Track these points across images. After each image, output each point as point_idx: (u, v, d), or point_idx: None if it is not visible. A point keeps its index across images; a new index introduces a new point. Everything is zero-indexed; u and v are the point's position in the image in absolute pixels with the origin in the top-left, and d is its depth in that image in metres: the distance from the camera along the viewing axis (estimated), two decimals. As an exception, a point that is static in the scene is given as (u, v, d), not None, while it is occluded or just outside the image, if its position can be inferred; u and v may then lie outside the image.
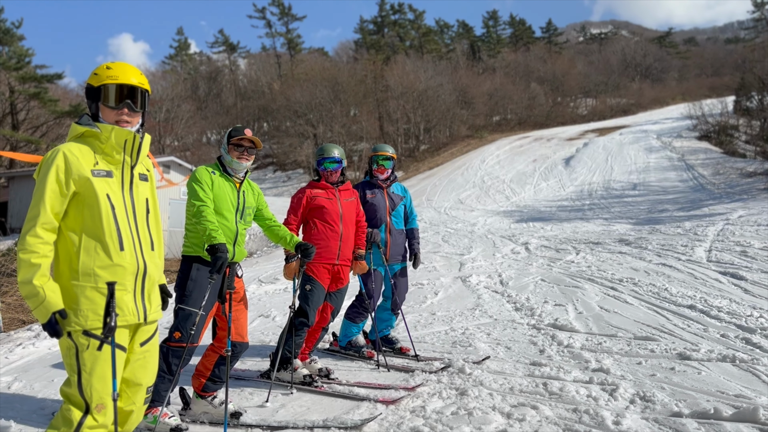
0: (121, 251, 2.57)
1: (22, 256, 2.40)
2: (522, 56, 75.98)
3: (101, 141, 2.61)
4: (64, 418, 2.47)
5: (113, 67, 2.67)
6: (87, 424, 2.47)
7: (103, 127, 2.61)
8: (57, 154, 2.50)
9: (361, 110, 51.25)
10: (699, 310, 6.69)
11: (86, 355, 2.47)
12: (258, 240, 20.62)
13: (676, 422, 3.65)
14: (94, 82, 2.65)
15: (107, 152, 2.62)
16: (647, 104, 64.24)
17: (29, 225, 2.44)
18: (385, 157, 5.54)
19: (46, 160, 2.51)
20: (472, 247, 14.15)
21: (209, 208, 3.73)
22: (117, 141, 2.62)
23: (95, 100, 2.66)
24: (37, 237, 2.42)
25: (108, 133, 2.60)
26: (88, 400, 2.47)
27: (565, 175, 32.28)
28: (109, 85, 2.63)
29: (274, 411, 4.17)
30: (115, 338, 2.53)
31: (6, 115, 35.03)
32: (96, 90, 2.65)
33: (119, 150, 2.63)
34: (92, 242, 2.53)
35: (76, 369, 2.47)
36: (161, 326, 7.09)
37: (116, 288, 2.55)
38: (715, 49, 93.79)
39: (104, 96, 2.63)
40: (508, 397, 4.26)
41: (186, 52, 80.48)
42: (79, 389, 2.46)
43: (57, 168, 2.48)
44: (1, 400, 4.55)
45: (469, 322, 6.86)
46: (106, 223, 2.55)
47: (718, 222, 14.97)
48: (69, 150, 2.53)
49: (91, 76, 2.69)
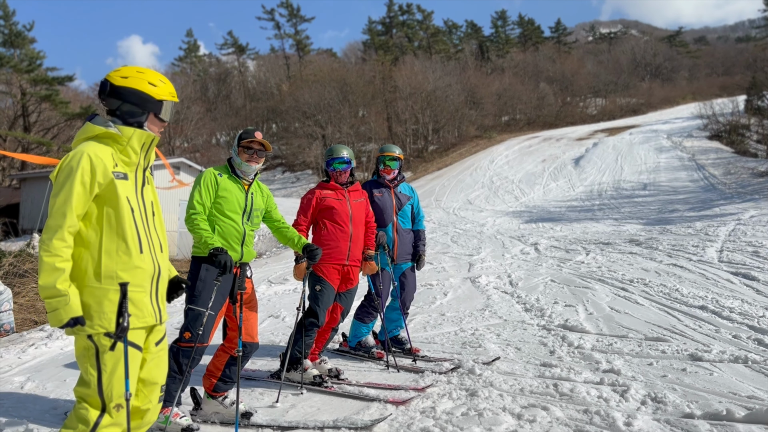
0: (140, 254, 2.60)
1: (47, 259, 2.38)
2: (531, 56, 75.73)
3: (120, 143, 2.61)
4: (81, 418, 2.48)
5: (167, 82, 2.75)
6: (103, 423, 2.48)
7: (124, 129, 2.61)
8: (82, 157, 2.48)
9: (369, 111, 51.24)
10: (710, 310, 6.65)
11: (107, 356, 2.48)
12: (267, 241, 20.67)
13: (688, 423, 3.63)
14: (155, 94, 2.68)
15: (125, 154, 2.63)
16: (657, 104, 63.82)
17: (55, 227, 2.41)
18: (391, 157, 5.55)
19: (69, 162, 2.49)
20: (481, 248, 14.12)
21: (200, 215, 3.80)
22: (138, 143, 2.64)
23: (139, 105, 2.66)
24: (62, 240, 2.41)
25: (129, 135, 2.62)
26: (107, 400, 2.49)
27: (574, 175, 32.14)
28: (170, 101, 2.72)
29: (284, 411, 4.18)
30: (129, 338, 2.54)
31: (18, 117, 35.35)
32: (154, 101, 2.68)
33: (137, 152, 2.65)
34: (114, 245, 2.53)
35: (96, 370, 2.47)
36: (172, 326, 7.14)
37: (136, 290, 2.57)
38: (726, 48, 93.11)
39: (164, 110, 2.71)
40: (518, 398, 4.25)
41: (195, 54, 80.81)
42: (98, 390, 2.48)
43: (83, 171, 2.46)
44: (14, 400, 4.59)
45: (478, 323, 6.85)
46: (128, 226, 2.57)
47: (730, 222, 14.86)
48: (93, 152, 2.51)
49: (140, 81, 2.67)
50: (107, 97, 2.67)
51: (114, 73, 2.70)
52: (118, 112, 2.67)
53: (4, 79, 35.95)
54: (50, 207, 2.44)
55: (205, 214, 3.83)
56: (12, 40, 39.61)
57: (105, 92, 2.67)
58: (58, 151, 30.65)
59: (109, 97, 2.66)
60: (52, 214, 2.43)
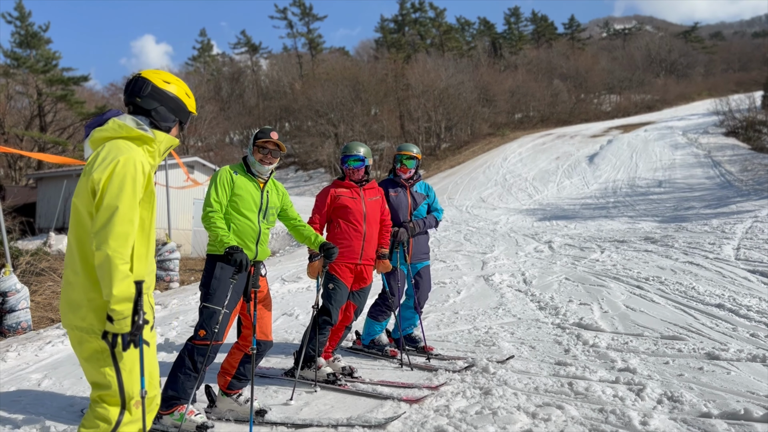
0: (153, 257, 2.65)
1: (122, 267, 2.33)
2: (544, 53, 75.33)
3: (151, 146, 2.63)
4: (101, 417, 2.49)
5: (193, 97, 2.89)
6: (125, 420, 2.50)
7: (157, 133, 2.65)
8: (136, 164, 2.46)
9: (382, 109, 51.21)
10: (727, 309, 6.58)
11: (125, 356, 2.48)
12: (281, 239, 20.75)
13: (705, 423, 3.59)
14: (188, 104, 2.83)
15: (152, 157, 2.64)
16: (672, 100, 63.20)
17: (124, 234, 2.36)
18: (408, 156, 5.53)
19: (123, 167, 2.43)
20: (494, 246, 14.07)
21: (217, 213, 3.81)
22: (165, 147, 2.69)
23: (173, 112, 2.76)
24: (130, 248, 2.40)
25: (161, 140, 2.65)
26: (127, 399, 2.50)
27: (588, 172, 31.91)
28: (193, 114, 2.86)
29: (298, 409, 4.19)
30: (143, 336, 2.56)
31: (34, 118, 35.73)
32: (186, 111, 2.81)
33: (161, 155, 2.69)
34: (144, 249, 2.54)
35: (114, 371, 2.47)
36: (187, 324, 7.18)
37: (149, 291, 2.60)
38: (743, 44, 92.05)
39: (188, 120, 2.84)
40: (533, 396, 4.23)
41: (209, 54, 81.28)
42: (120, 389, 2.48)
43: (139, 178, 2.45)
44: (32, 397, 4.64)
45: (492, 321, 6.82)
46: (153, 230, 2.61)
47: (747, 219, 14.69)
48: (141, 158, 2.50)
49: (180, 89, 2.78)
50: (145, 97, 2.67)
51: (154, 75, 2.72)
52: (153, 113, 2.69)
53: (21, 79, 36.37)
54: (109, 213, 2.36)
55: (221, 212, 3.84)
56: (28, 41, 40.06)
57: (144, 92, 2.67)
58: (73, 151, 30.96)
59: (147, 97, 2.68)
60: (117, 220, 2.35)
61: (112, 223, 2.34)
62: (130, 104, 2.70)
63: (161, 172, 21.50)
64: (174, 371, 3.75)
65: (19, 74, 36.58)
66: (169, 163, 14.88)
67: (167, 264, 11.83)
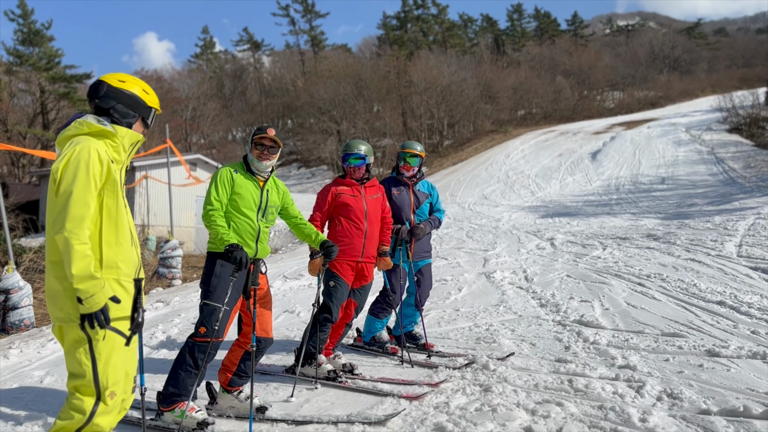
0: (130, 246, 2.72)
1: (79, 247, 2.44)
2: (547, 49, 75.12)
3: (114, 141, 2.73)
4: (76, 408, 2.55)
5: (154, 94, 2.95)
6: (99, 411, 2.56)
7: (118, 128, 2.74)
8: (90, 150, 2.57)
9: (384, 106, 51.20)
10: (729, 306, 6.57)
11: (101, 345, 2.56)
12: (283, 236, 20.78)
13: (704, 420, 3.60)
14: (147, 100, 2.88)
15: (116, 151, 2.74)
16: (676, 97, 62.99)
17: (80, 216, 2.47)
18: (411, 154, 5.54)
19: (78, 155, 2.55)
20: (496, 243, 14.07)
21: (218, 212, 3.84)
22: (129, 142, 2.78)
23: (132, 108, 2.82)
24: (88, 229, 2.51)
25: (123, 134, 2.75)
26: (102, 389, 2.56)
27: (591, 169, 31.86)
28: (156, 110, 2.93)
29: (298, 406, 4.21)
30: (118, 328, 2.62)
31: (37, 115, 35.82)
32: (146, 106, 2.88)
33: (126, 151, 2.78)
34: (112, 236, 2.64)
35: (90, 360, 2.55)
36: (189, 322, 7.20)
37: (127, 280, 2.67)
38: (746, 40, 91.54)
39: (151, 117, 2.91)
40: (532, 393, 4.24)
41: (211, 51, 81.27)
42: (94, 379, 2.55)
43: (93, 163, 2.55)
44: (34, 394, 4.66)
45: (493, 319, 6.83)
46: (123, 218, 2.68)
47: (749, 216, 14.66)
48: (98, 147, 2.61)
49: (136, 86, 2.86)
50: (102, 97, 2.78)
51: (110, 77, 2.84)
52: (112, 111, 2.79)
53: (24, 77, 36.46)
54: (65, 198, 2.49)
55: (222, 211, 3.86)
56: (31, 39, 40.15)
57: (100, 92, 2.78)
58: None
59: (104, 97, 2.78)
60: (72, 203, 2.47)
61: (67, 206, 2.46)
62: (92, 106, 2.82)
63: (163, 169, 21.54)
64: (175, 368, 3.76)
65: (21, 72, 36.67)
66: (171, 160, 14.90)
67: (170, 261, 11.86)
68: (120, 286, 2.64)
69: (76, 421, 2.52)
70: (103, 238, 2.61)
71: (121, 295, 2.63)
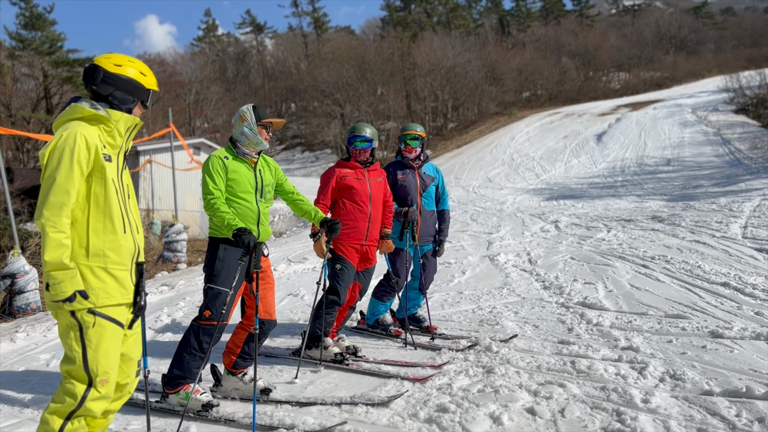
0: (124, 233, 2.69)
1: (54, 235, 2.45)
2: (552, 30, 74.39)
3: (107, 125, 2.69)
4: (68, 392, 2.57)
5: (151, 73, 2.89)
6: (90, 397, 2.58)
7: (112, 113, 2.69)
8: (77, 136, 2.55)
9: (388, 89, 50.89)
10: (733, 287, 6.56)
11: (91, 332, 2.57)
12: (287, 220, 20.81)
13: (706, 400, 3.61)
14: (145, 83, 2.82)
15: (111, 137, 2.70)
16: (682, 77, 62.39)
17: (59, 204, 2.48)
18: (412, 136, 5.52)
19: (63, 141, 2.54)
20: (500, 226, 14.06)
21: (219, 199, 3.81)
22: (124, 127, 2.73)
23: (131, 93, 2.78)
24: (67, 217, 2.51)
25: (117, 119, 2.70)
26: (92, 375, 2.58)
27: (596, 151, 31.71)
28: (154, 91, 2.87)
29: (302, 387, 4.24)
30: (112, 315, 2.63)
31: (40, 100, 35.76)
32: (144, 90, 2.82)
33: (122, 135, 2.74)
34: (100, 224, 2.62)
35: (80, 346, 2.56)
36: (194, 305, 7.24)
37: (120, 268, 2.67)
38: (754, 19, 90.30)
39: (150, 99, 2.85)
40: (535, 375, 4.25)
41: (214, 34, 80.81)
42: (84, 365, 2.57)
43: (79, 150, 2.54)
44: (40, 377, 4.71)
45: (496, 301, 6.85)
46: (114, 206, 2.66)
47: (755, 197, 14.59)
48: (86, 132, 2.59)
49: (133, 69, 2.79)
50: (99, 83, 2.72)
51: (105, 60, 2.77)
52: (110, 98, 2.75)
53: (27, 61, 36.34)
54: (48, 184, 2.50)
55: (223, 198, 3.84)
56: (33, 23, 39.96)
57: (97, 79, 2.72)
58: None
59: (101, 83, 2.73)
60: (53, 191, 2.48)
61: (48, 194, 2.47)
62: (90, 91, 2.77)
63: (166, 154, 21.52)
64: (179, 351, 3.79)
65: (24, 56, 36.54)
66: (174, 145, 14.89)
67: (174, 245, 11.90)
68: (108, 274, 2.63)
69: (67, 405, 2.56)
70: (91, 226, 2.60)
71: (110, 283, 2.62)
